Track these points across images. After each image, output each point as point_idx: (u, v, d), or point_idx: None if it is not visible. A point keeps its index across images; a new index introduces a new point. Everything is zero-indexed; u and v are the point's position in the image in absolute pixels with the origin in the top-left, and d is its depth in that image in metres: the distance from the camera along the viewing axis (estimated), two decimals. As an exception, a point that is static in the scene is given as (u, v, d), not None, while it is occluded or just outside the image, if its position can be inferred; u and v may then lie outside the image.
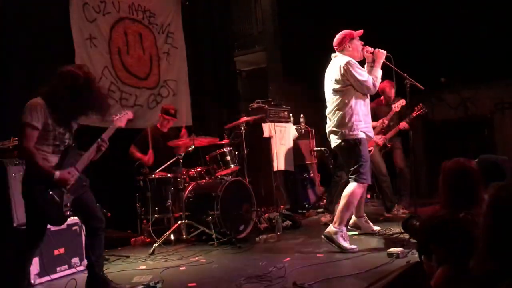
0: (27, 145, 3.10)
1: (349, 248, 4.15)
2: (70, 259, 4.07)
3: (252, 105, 6.66)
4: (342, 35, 4.45)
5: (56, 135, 3.22)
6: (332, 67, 4.43)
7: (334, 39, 4.49)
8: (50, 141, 3.20)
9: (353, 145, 4.29)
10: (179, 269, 4.05)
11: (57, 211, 3.18)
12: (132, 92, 6.21)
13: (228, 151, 5.48)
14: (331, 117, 4.45)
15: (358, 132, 4.30)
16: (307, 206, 6.84)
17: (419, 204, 4.73)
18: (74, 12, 5.59)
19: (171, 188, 5.27)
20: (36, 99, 3.17)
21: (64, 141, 3.29)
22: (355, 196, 4.32)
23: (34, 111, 3.11)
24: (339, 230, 4.23)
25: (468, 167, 2.32)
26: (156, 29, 6.66)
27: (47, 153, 3.20)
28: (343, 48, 4.43)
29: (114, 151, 5.84)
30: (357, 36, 4.44)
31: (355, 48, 4.43)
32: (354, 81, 4.26)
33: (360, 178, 4.28)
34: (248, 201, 5.33)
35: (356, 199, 4.36)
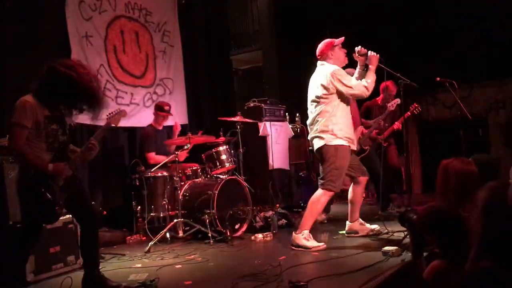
0: (15, 144, 3.08)
1: (314, 247, 4.22)
2: (65, 257, 4.06)
3: (248, 104, 6.68)
4: (324, 45, 4.47)
5: (49, 132, 3.20)
6: (318, 75, 4.43)
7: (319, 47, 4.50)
8: (43, 138, 3.18)
9: (331, 151, 4.28)
10: (175, 267, 4.05)
11: (49, 209, 3.16)
12: (128, 90, 6.20)
13: (224, 149, 5.49)
14: (313, 126, 4.42)
15: (338, 139, 4.29)
16: (302, 205, 6.85)
17: (414, 203, 4.75)
18: (70, 10, 5.57)
19: (167, 186, 5.28)
20: (25, 97, 3.14)
21: (58, 138, 3.27)
22: (320, 203, 4.34)
23: (23, 109, 3.09)
24: (301, 234, 4.29)
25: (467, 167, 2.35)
26: (152, 28, 6.66)
27: (41, 150, 3.18)
28: (326, 56, 4.45)
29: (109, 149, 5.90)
30: (338, 44, 4.46)
31: (337, 56, 4.45)
32: (342, 88, 4.25)
33: (327, 185, 4.29)
34: (244, 200, 5.34)
35: (321, 206, 4.39)
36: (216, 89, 7.71)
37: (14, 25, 4.99)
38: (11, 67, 4.93)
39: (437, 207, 2.18)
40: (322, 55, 4.48)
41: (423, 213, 2.24)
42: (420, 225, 2.24)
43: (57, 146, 3.26)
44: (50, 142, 3.22)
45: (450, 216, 2.09)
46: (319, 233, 4.97)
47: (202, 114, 7.25)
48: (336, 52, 4.45)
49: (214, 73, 7.74)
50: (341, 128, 4.31)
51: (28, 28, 5.10)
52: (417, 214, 2.33)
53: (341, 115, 4.33)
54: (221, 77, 7.91)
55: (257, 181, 6.34)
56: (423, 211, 2.26)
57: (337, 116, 4.32)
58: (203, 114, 7.29)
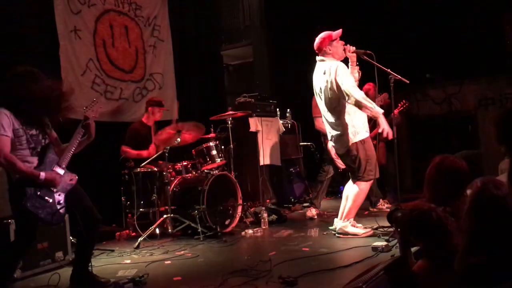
0: (5, 153, 3.03)
1: (363, 233, 4.42)
2: (53, 253, 4.02)
3: (238, 99, 6.65)
4: (321, 39, 4.43)
5: (29, 138, 3.17)
6: (320, 72, 4.41)
7: (314, 43, 4.47)
8: (25, 145, 3.16)
9: (358, 146, 4.36)
10: (164, 263, 4.04)
11: (50, 210, 3.14)
12: (117, 85, 6.14)
13: (214, 145, 5.47)
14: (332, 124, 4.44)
15: (361, 133, 4.38)
16: (293, 201, 6.86)
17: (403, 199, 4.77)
18: (59, 4, 5.49)
19: (156, 182, 5.24)
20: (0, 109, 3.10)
21: (40, 142, 3.24)
22: (363, 193, 4.50)
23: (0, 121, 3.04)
24: (348, 222, 4.47)
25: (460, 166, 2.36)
26: (142, 22, 6.60)
27: (25, 156, 3.15)
28: (324, 51, 4.42)
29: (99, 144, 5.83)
30: (336, 37, 4.41)
31: (335, 51, 4.42)
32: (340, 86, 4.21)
33: (367, 176, 4.41)
34: (234, 195, 5.32)
35: (364, 195, 4.55)
36: (206, 84, 7.68)
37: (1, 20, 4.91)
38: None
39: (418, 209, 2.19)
40: (319, 50, 4.46)
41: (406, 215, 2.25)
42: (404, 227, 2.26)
43: (40, 151, 3.22)
44: (33, 147, 3.19)
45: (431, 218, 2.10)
46: (309, 229, 4.99)
47: (192, 109, 7.21)
48: (334, 46, 4.41)
49: (205, 68, 7.71)
50: (358, 122, 4.39)
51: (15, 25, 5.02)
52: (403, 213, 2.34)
53: (354, 109, 4.35)
54: (211, 72, 7.87)
55: (248, 177, 6.33)
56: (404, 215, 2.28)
57: (352, 110, 4.35)
58: (193, 109, 7.24)
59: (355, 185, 4.48)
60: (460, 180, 2.38)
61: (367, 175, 4.41)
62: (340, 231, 4.50)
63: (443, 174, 2.37)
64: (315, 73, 4.51)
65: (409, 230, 2.22)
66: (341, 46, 4.43)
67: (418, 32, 7.41)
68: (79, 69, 5.67)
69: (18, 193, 3.10)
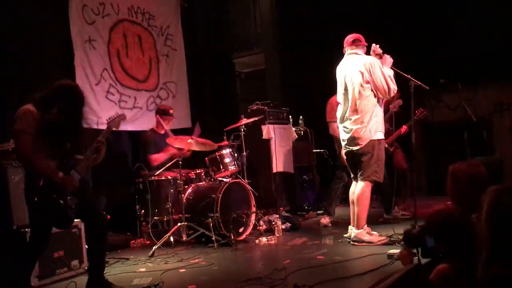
0: (25, 151, 3.09)
1: (379, 240, 4.40)
2: (69, 262, 4.05)
3: (251, 107, 6.66)
4: (357, 35, 4.55)
5: (51, 139, 3.21)
6: (354, 64, 4.45)
7: (348, 37, 4.57)
8: (47, 145, 3.19)
9: (375, 144, 4.39)
10: (179, 271, 4.04)
11: (61, 214, 3.17)
12: (131, 94, 6.20)
13: (227, 153, 5.48)
14: (352, 119, 4.45)
15: (379, 132, 4.42)
16: (306, 208, 6.83)
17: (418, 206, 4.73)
18: (73, 14, 5.59)
19: (170, 190, 5.27)
20: (27, 106, 3.16)
21: (61, 146, 3.28)
22: (368, 195, 4.48)
23: (25, 117, 3.10)
24: (363, 230, 4.44)
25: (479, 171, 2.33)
26: (155, 32, 6.66)
27: (46, 157, 3.18)
28: (360, 46, 4.53)
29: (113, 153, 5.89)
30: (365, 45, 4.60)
31: (365, 52, 4.57)
32: (377, 82, 4.31)
33: (373, 176, 4.43)
34: (248, 203, 5.32)
35: (369, 197, 4.52)
36: (219, 92, 7.72)
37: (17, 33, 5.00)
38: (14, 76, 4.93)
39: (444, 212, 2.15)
40: (354, 43, 4.52)
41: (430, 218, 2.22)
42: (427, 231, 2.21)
43: (61, 154, 3.26)
44: (54, 150, 3.23)
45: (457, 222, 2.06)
46: (323, 236, 4.96)
47: (205, 117, 7.24)
48: (364, 48, 4.58)
49: (217, 76, 7.75)
50: (379, 122, 4.44)
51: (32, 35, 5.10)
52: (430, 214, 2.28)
53: (379, 109, 4.44)
54: (224, 80, 7.91)
55: (261, 184, 6.32)
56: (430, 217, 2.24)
57: (376, 109, 4.40)
58: (206, 117, 7.27)
59: (357, 187, 4.49)
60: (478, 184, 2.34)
61: (372, 176, 4.42)
62: (355, 239, 4.47)
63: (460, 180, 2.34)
64: (343, 65, 4.56)
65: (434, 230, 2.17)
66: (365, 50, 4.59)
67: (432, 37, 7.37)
68: (93, 78, 5.74)
69: (33, 192, 3.13)
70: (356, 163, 4.53)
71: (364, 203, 4.47)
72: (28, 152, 3.09)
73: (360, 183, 4.47)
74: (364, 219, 4.50)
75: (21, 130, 3.09)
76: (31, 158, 3.10)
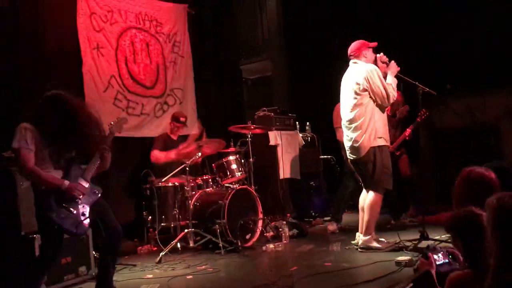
0: (28, 165, 3.11)
1: (386, 247, 4.36)
2: (77, 268, 4.07)
3: (258, 113, 6.67)
4: (360, 43, 4.53)
5: (52, 151, 3.23)
6: (352, 74, 4.46)
7: (349, 47, 4.56)
8: (47, 158, 3.21)
9: (376, 152, 4.34)
10: (186, 277, 4.04)
11: (74, 222, 3.18)
12: (139, 100, 6.23)
13: (234, 159, 5.48)
14: (352, 127, 4.44)
15: (380, 139, 4.36)
16: (313, 215, 6.81)
17: (426, 212, 4.71)
18: (82, 22, 5.64)
19: (177, 196, 5.28)
20: (24, 124, 3.17)
21: (63, 155, 3.30)
22: (378, 205, 4.45)
23: (23, 134, 3.12)
24: (370, 237, 4.42)
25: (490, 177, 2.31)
26: (162, 38, 6.70)
27: (49, 170, 3.21)
28: (359, 55, 4.50)
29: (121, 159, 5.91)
30: (372, 47, 4.55)
31: (370, 58, 4.53)
32: (375, 89, 4.30)
33: (381, 185, 4.38)
34: (255, 210, 5.32)
35: (379, 206, 4.49)
36: (225, 99, 7.73)
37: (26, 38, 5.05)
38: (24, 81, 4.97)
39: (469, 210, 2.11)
40: (356, 53, 4.52)
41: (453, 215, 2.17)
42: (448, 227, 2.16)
43: (65, 162, 3.28)
44: (56, 161, 3.25)
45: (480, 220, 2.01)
46: (331, 243, 4.94)
47: (212, 123, 7.26)
48: (369, 53, 4.53)
49: (224, 83, 7.76)
50: (379, 128, 4.38)
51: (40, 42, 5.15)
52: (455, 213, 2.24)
53: (379, 116, 4.39)
54: (230, 87, 7.93)
55: (268, 191, 6.31)
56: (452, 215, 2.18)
57: (375, 116, 4.37)
58: (213, 124, 7.29)
59: (368, 196, 4.45)
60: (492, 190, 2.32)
61: (381, 184, 4.38)
62: (363, 246, 4.45)
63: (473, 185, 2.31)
64: (345, 75, 4.56)
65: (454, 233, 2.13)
66: (374, 56, 4.55)
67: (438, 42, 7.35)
68: (101, 85, 5.78)
69: (43, 205, 3.15)
70: (362, 172, 4.50)
71: (374, 212, 4.44)
72: (31, 166, 3.11)
73: (371, 192, 4.44)
74: (373, 227, 4.48)
75: (19, 147, 3.11)
76: (35, 171, 3.12)
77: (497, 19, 6.90)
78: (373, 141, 4.34)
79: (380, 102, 4.37)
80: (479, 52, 7.02)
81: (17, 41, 5.00)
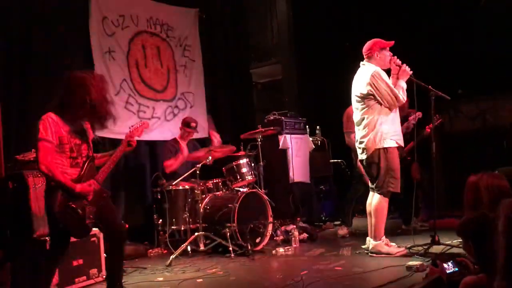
0: (45, 160, 3.14)
1: (397, 252, 4.32)
2: (88, 270, 4.10)
3: (268, 117, 6.68)
4: (373, 43, 4.48)
5: (73, 147, 3.25)
6: (360, 76, 4.45)
7: (364, 46, 4.51)
8: (67, 153, 3.24)
9: (382, 154, 4.31)
10: (196, 281, 4.04)
11: (79, 223, 3.21)
12: (150, 104, 6.27)
13: (244, 163, 5.49)
14: (360, 128, 4.45)
15: (388, 141, 4.32)
16: (323, 219, 6.79)
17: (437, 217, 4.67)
18: (94, 26, 5.69)
19: (188, 199, 5.29)
20: (47, 114, 3.22)
21: (81, 153, 3.32)
22: (384, 208, 4.42)
23: (46, 126, 3.17)
24: (381, 241, 4.38)
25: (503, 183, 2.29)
26: (173, 42, 6.74)
27: (65, 166, 3.24)
28: (371, 55, 4.45)
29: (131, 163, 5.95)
30: (387, 47, 4.48)
31: (383, 59, 4.46)
32: (381, 93, 4.28)
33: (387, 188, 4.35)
34: (265, 213, 5.31)
35: (386, 209, 4.46)
36: (235, 103, 7.75)
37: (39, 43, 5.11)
38: (36, 84, 5.03)
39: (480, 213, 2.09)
40: (369, 53, 4.47)
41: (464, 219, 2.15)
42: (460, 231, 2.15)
43: (81, 162, 3.30)
44: (74, 157, 3.27)
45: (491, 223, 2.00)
46: (341, 247, 4.92)
47: (222, 127, 7.27)
48: (383, 54, 4.46)
49: (234, 87, 7.78)
50: (388, 130, 4.34)
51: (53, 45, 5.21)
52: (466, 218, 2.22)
53: (388, 117, 4.35)
54: (241, 91, 7.94)
55: (278, 195, 6.30)
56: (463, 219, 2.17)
57: (383, 118, 4.33)
58: (223, 128, 7.31)
59: (374, 199, 4.43)
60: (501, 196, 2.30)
61: (385, 187, 4.34)
62: (373, 250, 4.42)
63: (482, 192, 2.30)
64: (355, 78, 4.54)
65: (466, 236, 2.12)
66: (388, 56, 4.47)
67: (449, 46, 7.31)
68: (113, 89, 5.81)
69: (52, 201, 3.17)
70: (368, 173, 4.50)
71: (381, 215, 4.42)
72: (48, 162, 3.14)
73: (376, 195, 4.43)
74: (382, 231, 4.45)
75: (40, 138, 3.15)
76: (51, 168, 3.14)
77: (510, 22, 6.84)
78: (378, 142, 4.31)
79: (388, 105, 4.35)
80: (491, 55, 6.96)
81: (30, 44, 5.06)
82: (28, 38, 5.07)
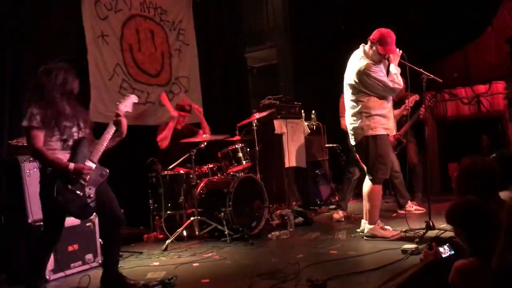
0: (37, 145, 3.12)
1: (392, 235, 4.36)
2: (84, 256, 4.10)
3: (263, 102, 6.64)
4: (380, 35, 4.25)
5: (62, 128, 3.21)
6: (352, 63, 4.40)
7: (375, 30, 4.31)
8: (57, 136, 3.20)
9: (371, 141, 4.30)
10: (193, 265, 4.06)
11: (81, 204, 3.19)
12: (144, 89, 6.22)
13: (240, 147, 5.48)
14: (350, 114, 4.43)
15: (378, 128, 4.30)
16: (319, 203, 6.81)
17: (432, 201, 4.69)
18: (86, 10, 5.61)
19: (183, 184, 5.28)
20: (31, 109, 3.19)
21: (73, 135, 3.28)
22: (376, 193, 4.43)
23: (31, 114, 3.15)
24: (376, 225, 4.41)
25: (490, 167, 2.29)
26: (167, 26, 6.67)
27: (55, 150, 3.20)
28: (372, 44, 4.28)
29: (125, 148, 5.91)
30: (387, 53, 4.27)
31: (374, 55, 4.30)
32: (372, 86, 4.24)
33: (375, 174, 4.34)
34: (260, 198, 5.32)
35: (379, 194, 4.48)
36: (230, 87, 7.71)
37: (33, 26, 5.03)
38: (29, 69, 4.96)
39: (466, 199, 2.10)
40: (370, 38, 4.30)
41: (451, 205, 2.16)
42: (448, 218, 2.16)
43: (72, 144, 3.27)
44: (64, 140, 3.23)
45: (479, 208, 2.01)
46: (336, 231, 4.95)
47: (217, 111, 7.25)
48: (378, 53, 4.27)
49: (229, 71, 7.74)
50: (378, 118, 4.32)
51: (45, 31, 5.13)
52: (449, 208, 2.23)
53: (379, 105, 4.32)
54: (236, 75, 7.90)
55: (273, 179, 6.32)
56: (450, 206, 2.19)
57: (373, 105, 4.31)
58: (218, 112, 7.28)
59: (366, 184, 4.46)
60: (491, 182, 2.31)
61: (375, 174, 4.35)
62: (368, 234, 4.45)
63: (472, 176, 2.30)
64: (348, 64, 4.49)
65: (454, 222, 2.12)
66: (382, 59, 4.35)
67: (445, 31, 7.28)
68: (106, 74, 5.76)
69: (49, 187, 3.14)
70: (361, 158, 4.52)
71: (374, 200, 4.43)
72: (39, 146, 3.12)
73: (369, 181, 4.44)
74: (377, 215, 4.47)
75: (28, 126, 3.13)
76: (43, 152, 3.12)
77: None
78: (368, 130, 4.31)
79: (379, 96, 4.29)
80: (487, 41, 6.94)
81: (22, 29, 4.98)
82: (20, 25, 4.98)
